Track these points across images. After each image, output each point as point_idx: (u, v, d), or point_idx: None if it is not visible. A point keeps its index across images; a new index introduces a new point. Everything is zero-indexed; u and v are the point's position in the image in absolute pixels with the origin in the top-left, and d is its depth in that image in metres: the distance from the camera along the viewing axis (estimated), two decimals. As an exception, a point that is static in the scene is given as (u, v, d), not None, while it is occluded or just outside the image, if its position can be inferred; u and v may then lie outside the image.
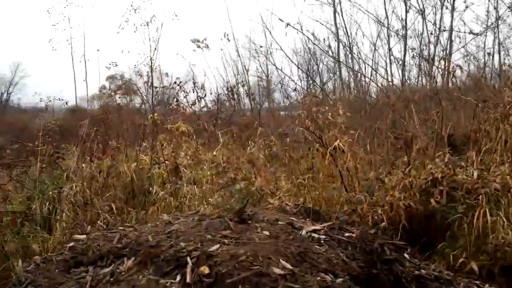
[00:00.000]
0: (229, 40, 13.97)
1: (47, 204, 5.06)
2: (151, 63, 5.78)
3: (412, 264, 3.24)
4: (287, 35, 21.45)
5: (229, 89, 11.86)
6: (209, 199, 5.36)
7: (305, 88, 16.17)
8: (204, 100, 11.55)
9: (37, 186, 5.23)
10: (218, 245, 2.50)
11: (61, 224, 4.76)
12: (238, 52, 15.31)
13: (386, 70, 15.76)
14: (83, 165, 5.51)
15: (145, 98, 14.38)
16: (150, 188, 5.30)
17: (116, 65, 13.74)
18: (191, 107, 10.64)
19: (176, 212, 5.18)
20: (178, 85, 11.19)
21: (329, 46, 16.39)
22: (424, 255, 4.43)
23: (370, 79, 14.12)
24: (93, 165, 5.56)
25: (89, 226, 4.58)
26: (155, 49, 5.53)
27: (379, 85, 13.01)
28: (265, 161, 6.73)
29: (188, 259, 2.34)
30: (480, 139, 6.72)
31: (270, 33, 14.94)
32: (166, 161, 6.11)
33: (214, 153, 6.95)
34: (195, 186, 6.02)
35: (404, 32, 15.43)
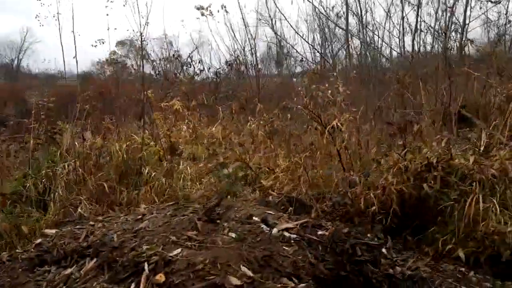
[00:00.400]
0: (227, 12, 13.55)
1: (43, 182, 5.10)
2: (141, 38, 5.66)
3: (388, 261, 3.19)
4: (292, 3, 20.93)
5: (230, 61, 11.57)
6: (202, 179, 5.34)
7: (313, 59, 15.76)
8: (204, 73, 11.27)
9: (31, 164, 5.25)
10: (180, 249, 2.46)
11: (55, 204, 4.81)
12: (244, 20, 14.90)
13: (399, 39, 15.24)
14: (76, 143, 5.49)
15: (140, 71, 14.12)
16: (142, 168, 5.27)
17: (103, 42, 13.48)
18: (190, 81, 10.43)
19: (169, 191, 5.18)
20: (177, 58, 10.96)
21: (337, 15, 15.82)
22: (414, 239, 4.40)
23: (380, 53, 13.67)
24: (86, 143, 5.53)
25: (80, 207, 4.65)
26: (146, 23, 5.40)
27: (390, 56, 12.61)
28: (264, 138, 6.65)
29: (146, 265, 2.32)
30: (489, 114, 6.52)
31: (274, 2, 14.47)
32: (164, 138, 6.07)
33: (213, 129, 6.88)
34: (192, 162, 6.00)
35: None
